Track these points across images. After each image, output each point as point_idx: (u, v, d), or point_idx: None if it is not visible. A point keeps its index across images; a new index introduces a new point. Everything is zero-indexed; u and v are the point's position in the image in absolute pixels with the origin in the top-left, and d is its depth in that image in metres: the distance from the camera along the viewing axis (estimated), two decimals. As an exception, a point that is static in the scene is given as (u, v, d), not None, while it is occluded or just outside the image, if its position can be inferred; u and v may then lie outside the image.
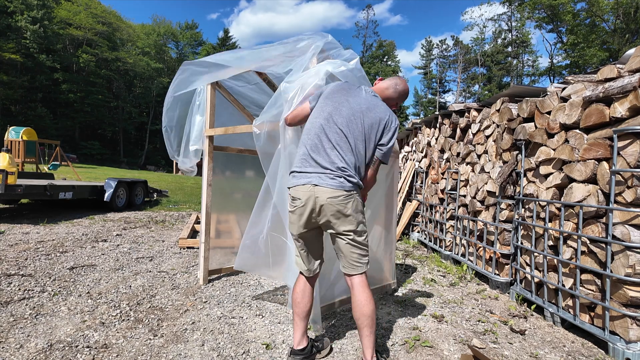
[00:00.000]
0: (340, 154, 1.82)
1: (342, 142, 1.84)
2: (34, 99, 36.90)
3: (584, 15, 24.68)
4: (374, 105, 1.94)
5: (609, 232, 2.26)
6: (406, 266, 4.20)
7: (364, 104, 1.92)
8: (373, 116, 1.90)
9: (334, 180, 1.78)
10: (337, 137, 1.84)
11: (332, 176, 1.79)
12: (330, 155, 1.82)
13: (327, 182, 1.78)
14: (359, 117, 1.88)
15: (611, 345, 2.21)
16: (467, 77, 48.88)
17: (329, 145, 1.84)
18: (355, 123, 1.87)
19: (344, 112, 1.89)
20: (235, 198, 3.77)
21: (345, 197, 1.79)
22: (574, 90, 2.72)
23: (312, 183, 1.80)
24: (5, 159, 6.51)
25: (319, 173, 1.81)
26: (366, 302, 1.81)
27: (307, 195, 1.81)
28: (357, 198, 1.85)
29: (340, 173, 1.80)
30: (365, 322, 1.80)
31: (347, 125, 1.86)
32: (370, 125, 1.89)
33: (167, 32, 52.90)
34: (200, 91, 3.29)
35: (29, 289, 2.90)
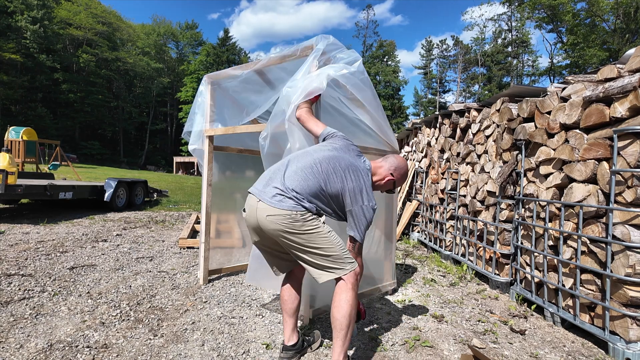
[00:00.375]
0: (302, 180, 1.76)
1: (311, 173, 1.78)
2: (34, 99, 36.93)
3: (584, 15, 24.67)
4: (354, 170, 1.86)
5: (609, 232, 2.26)
6: (406, 266, 4.20)
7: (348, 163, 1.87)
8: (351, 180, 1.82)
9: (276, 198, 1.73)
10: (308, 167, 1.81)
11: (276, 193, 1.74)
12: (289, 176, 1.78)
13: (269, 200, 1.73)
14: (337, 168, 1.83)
15: (611, 345, 2.21)
16: (467, 77, 48.88)
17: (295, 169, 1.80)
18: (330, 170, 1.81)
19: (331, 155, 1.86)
20: (235, 198, 3.77)
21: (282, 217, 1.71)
22: (574, 90, 2.72)
23: (256, 196, 1.79)
24: (6, 159, 6.51)
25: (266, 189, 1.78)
26: (337, 304, 1.74)
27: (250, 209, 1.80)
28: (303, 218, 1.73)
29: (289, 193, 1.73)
30: (334, 324, 1.74)
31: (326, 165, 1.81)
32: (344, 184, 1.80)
33: (167, 32, 52.95)
34: (201, 91, 3.29)
35: (29, 289, 2.90)
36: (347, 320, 1.73)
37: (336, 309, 1.75)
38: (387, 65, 49.62)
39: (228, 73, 3.14)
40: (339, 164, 1.84)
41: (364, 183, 1.84)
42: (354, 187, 1.81)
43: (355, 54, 2.44)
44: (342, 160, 1.86)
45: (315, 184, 1.76)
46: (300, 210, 1.72)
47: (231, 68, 3.11)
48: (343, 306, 1.73)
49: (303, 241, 1.74)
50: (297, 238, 1.73)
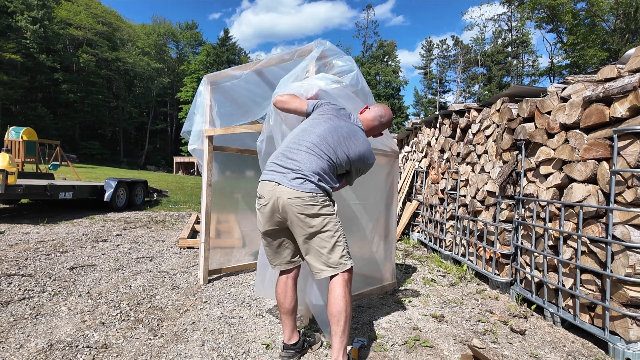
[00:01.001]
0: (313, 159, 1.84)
1: (319, 149, 1.87)
2: (34, 99, 36.94)
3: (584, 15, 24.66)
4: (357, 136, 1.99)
5: (609, 232, 2.26)
6: (406, 266, 4.20)
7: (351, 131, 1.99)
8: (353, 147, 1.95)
9: (296, 181, 1.79)
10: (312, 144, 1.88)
11: (295, 177, 1.81)
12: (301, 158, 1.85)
13: (289, 183, 1.80)
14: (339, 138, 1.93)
15: (611, 345, 2.21)
16: (467, 77, 48.87)
17: (302, 149, 1.88)
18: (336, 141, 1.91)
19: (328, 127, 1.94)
20: (235, 198, 3.77)
21: (303, 199, 1.78)
22: (574, 90, 2.72)
23: (275, 181, 1.84)
24: (6, 159, 6.51)
25: (284, 173, 1.84)
26: (334, 300, 1.79)
27: (269, 194, 1.84)
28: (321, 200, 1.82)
29: (304, 175, 1.80)
30: (331, 320, 1.78)
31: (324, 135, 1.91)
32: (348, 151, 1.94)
33: (167, 32, 52.95)
34: (201, 91, 3.29)
35: (29, 289, 2.90)
36: (344, 316, 1.76)
37: (333, 305, 1.78)
38: (387, 65, 49.60)
39: (228, 73, 3.14)
40: (340, 134, 1.94)
41: (365, 144, 2.00)
42: (359, 151, 1.97)
43: (352, 64, 2.43)
44: (341, 128, 1.97)
45: (327, 161, 1.87)
46: (320, 192, 1.82)
47: (231, 68, 3.11)
48: (339, 302, 1.77)
49: (318, 224, 1.81)
50: (314, 221, 1.80)
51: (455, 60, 50.20)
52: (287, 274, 2.02)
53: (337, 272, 1.82)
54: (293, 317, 2.01)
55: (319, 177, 1.82)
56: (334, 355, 1.76)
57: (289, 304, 1.99)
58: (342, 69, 2.40)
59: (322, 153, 1.86)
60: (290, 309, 1.99)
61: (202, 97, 3.28)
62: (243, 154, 3.71)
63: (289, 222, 1.85)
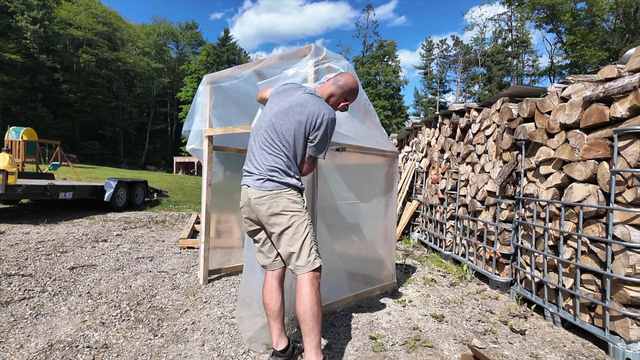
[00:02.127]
0: (267, 156, 1.87)
1: (268, 143, 1.88)
2: (34, 99, 36.94)
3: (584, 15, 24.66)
4: (304, 101, 1.91)
5: (609, 232, 2.26)
6: (406, 266, 4.20)
7: (295, 102, 1.92)
8: (301, 111, 1.87)
9: (259, 182, 1.86)
10: (264, 139, 1.90)
11: (257, 178, 1.87)
12: (259, 158, 1.89)
13: (254, 184, 1.87)
14: (285, 116, 1.88)
15: (611, 345, 2.21)
16: (467, 77, 48.86)
17: (257, 148, 1.92)
18: (283, 122, 1.87)
19: (271, 114, 1.93)
20: (235, 198, 3.74)
21: (267, 197, 1.82)
22: (574, 90, 2.72)
23: (246, 184, 1.93)
24: (6, 159, 6.51)
25: (250, 175, 1.92)
26: (300, 299, 1.77)
27: (243, 197, 1.95)
28: (287, 197, 1.82)
29: (266, 175, 1.84)
30: (298, 318, 1.77)
31: (273, 126, 1.89)
32: (297, 121, 1.86)
33: (167, 32, 52.93)
34: (200, 91, 3.29)
35: (29, 289, 2.90)
36: (310, 314, 1.73)
37: (298, 305, 1.77)
38: (387, 65, 49.58)
39: (228, 73, 3.15)
40: (284, 111, 1.90)
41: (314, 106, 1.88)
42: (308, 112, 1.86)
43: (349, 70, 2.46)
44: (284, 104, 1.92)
45: (282, 151, 1.85)
46: (284, 189, 1.83)
47: (231, 68, 3.11)
48: (305, 301, 1.75)
49: (284, 222, 1.82)
50: (280, 219, 1.82)
51: (455, 60, 50.20)
52: (272, 273, 1.98)
53: (305, 271, 1.80)
54: (280, 320, 1.93)
55: (278, 173, 1.83)
56: (306, 355, 1.73)
57: (274, 304, 1.91)
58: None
59: (274, 146, 1.86)
60: (276, 310, 1.91)
61: (202, 97, 3.28)
62: (243, 154, 3.70)
63: (260, 221, 1.91)
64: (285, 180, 1.84)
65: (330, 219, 2.70)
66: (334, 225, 2.76)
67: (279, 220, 1.82)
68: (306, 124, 1.86)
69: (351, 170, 3.00)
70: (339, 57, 2.53)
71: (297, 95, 1.96)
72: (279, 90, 2.06)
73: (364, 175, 3.08)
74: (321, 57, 2.42)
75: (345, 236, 2.94)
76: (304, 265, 1.81)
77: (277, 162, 1.84)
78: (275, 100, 2.00)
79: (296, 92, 1.99)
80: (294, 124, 1.86)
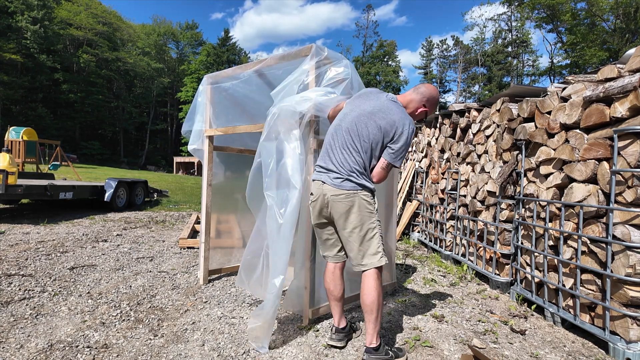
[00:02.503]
0: (347, 157, 1.98)
1: (349, 144, 1.99)
2: (34, 99, 36.93)
3: (584, 15, 24.66)
4: (388, 108, 2.00)
5: (610, 232, 2.26)
6: (406, 266, 4.20)
7: (378, 107, 2.01)
8: (384, 117, 1.97)
9: (337, 180, 1.97)
10: (344, 140, 2.01)
11: (336, 176, 1.98)
12: (339, 157, 2.00)
13: (331, 182, 1.98)
14: (368, 120, 1.99)
15: (611, 345, 2.21)
16: (468, 77, 48.86)
17: (338, 147, 2.02)
18: (364, 126, 1.98)
19: (353, 115, 2.04)
20: (235, 198, 3.76)
21: (345, 196, 1.95)
22: (574, 90, 2.72)
23: (321, 180, 2.04)
24: (6, 159, 6.51)
25: (327, 173, 2.02)
26: (367, 291, 1.96)
27: (318, 192, 2.05)
28: (362, 197, 1.96)
29: (343, 175, 1.97)
30: (365, 309, 1.97)
31: (355, 128, 2.00)
32: (379, 127, 1.97)
33: (167, 32, 52.94)
34: (201, 91, 3.29)
35: (29, 289, 2.91)
36: (376, 305, 1.94)
37: (366, 296, 1.96)
38: (387, 65, 49.58)
39: (228, 73, 3.15)
40: (366, 115, 2.01)
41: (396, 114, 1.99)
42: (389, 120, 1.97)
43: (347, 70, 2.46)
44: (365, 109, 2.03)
45: (360, 153, 1.98)
46: (359, 189, 1.96)
47: (231, 68, 3.11)
48: (372, 293, 1.95)
49: (356, 221, 1.97)
50: (352, 217, 1.97)
51: (455, 60, 50.19)
52: (335, 264, 2.18)
53: (369, 267, 1.99)
54: (341, 303, 2.18)
55: (356, 174, 1.96)
56: (368, 339, 1.95)
57: (338, 291, 2.15)
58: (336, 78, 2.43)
59: (355, 148, 1.97)
60: (339, 296, 2.15)
61: (203, 97, 3.27)
62: (243, 154, 3.71)
63: (332, 217, 2.03)
64: (362, 181, 1.97)
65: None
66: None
67: (352, 218, 1.97)
68: (388, 131, 1.96)
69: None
70: (340, 57, 2.54)
71: (380, 100, 2.05)
72: (360, 94, 2.17)
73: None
74: (322, 57, 2.42)
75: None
76: (369, 263, 1.98)
77: (357, 163, 1.97)
78: (357, 102, 2.10)
79: (379, 97, 2.09)
80: (375, 129, 1.96)
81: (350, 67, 2.49)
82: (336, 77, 2.41)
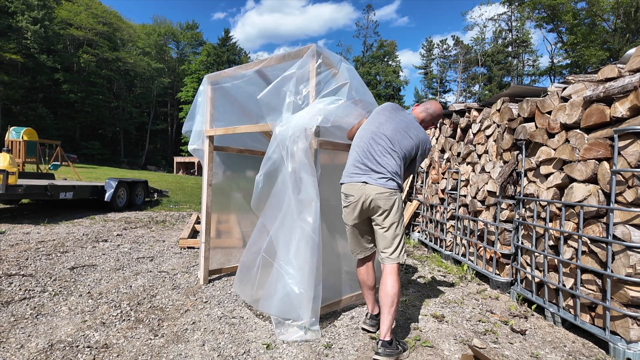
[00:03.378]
0: (391, 161, 2.18)
1: (392, 150, 2.19)
2: (34, 99, 36.93)
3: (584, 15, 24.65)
4: (416, 126, 2.32)
5: (610, 232, 2.26)
6: (407, 266, 4.20)
7: (409, 125, 2.29)
8: (417, 135, 2.27)
9: (382, 180, 2.15)
10: (387, 145, 2.19)
11: (381, 176, 2.15)
12: (382, 160, 2.17)
13: (375, 181, 2.14)
14: (404, 134, 2.23)
15: (612, 345, 2.21)
16: (468, 77, 48.85)
17: (381, 150, 2.19)
18: (401, 139, 2.22)
19: (393, 126, 2.25)
20: (235, 198, 3.76)
21: (389, 194, 2.14)
22: (574, 90, 2.72)
23: (362, 181, 2.17)
24: (6, 159, 6.52)
25: (369, 173, 2.17)
26: (391, 284, 2.10)
27: (359, 192, 2.17)
28: (399, 197, 2.19)
29: (387, 175, 2.16)
30: (383, 301, 2.08)
31: (395, 139, 2.21)
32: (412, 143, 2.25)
33: (167, 32, 52.94)
34: (201, 91, 3.29)
35: (29, 289, 2.91)
36: (397, 298, 2.10)
37: (390, 288, 2.10)
38: (387, 65, 49.56)
39: (228, 73, 3.15)
40: (402, 128, 2.25)
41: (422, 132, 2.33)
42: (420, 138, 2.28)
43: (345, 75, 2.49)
44: (402, 122, 2.29)
45: (400, 159, 2.20)
46: (397, 189, 2.17)
47: (231, 68, 3.11)
48: (395, 285, 2.11)
49: (394, 217, 2.17)
50: (392, 213, 2.16)
51: (455, 60, 50.17)
52: (365, 259, 2.39)
53: (393, 262, 2.16)
54: (374, 292, 2.41)
55: (397, 176, 2.18)
56: (384, 332, 2.05)
57: (372, 281, 2.39)
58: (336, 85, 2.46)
59: (396, 154, 2.19)
60: (372, 285, 2.39)
61: (203, 97, 3.28)
62: (243, 154, 3.71)
63: (373, 214, 2.19)
64: (400, 183, 2.20)
65: (330, 219, 2.70)
66: (335, 225, 2.77)
67: (391, 214, 2.16)
68: (418, 147, 2.28)
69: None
70: (339, 58, 2.54)
71: (408, 118, 2.34)
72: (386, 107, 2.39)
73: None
74: (322, 58, 2.42)
75: (346, 236, 2.94)
76: (396, 257, 2.17)
77: (397, 167, 2.19)
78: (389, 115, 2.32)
79: (405, 114, 2.37)
80: (409, 143, 2.24)
81: (349, 70, 2.50)
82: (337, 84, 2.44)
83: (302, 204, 2.29)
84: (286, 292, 2.27)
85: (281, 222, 2.36)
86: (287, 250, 2.31)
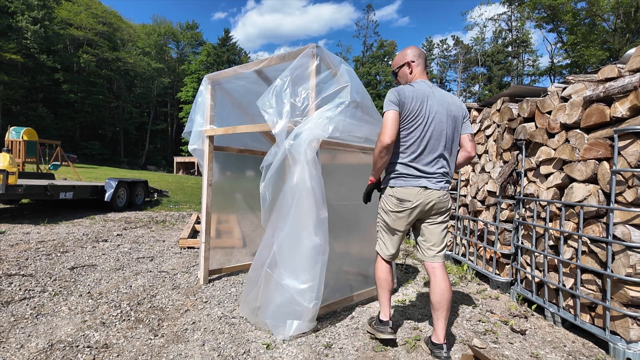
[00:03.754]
0: (448, 162, 2.15)
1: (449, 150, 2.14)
2: (34, 99, 36.94)
3: (584, 15, 24.65)
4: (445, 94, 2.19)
5: (610, 232, 2.26)
6: (406, 266, 4.20)
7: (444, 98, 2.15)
8: (454, 103, 2.17)
9: (440, 183, 2.13)
10: (446, 145, 2.12)
11: (440, 179, 2.13)
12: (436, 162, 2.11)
13: (435, 185, 2.11)
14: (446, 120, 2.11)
15: (612, 345, 2.21)
16: (468, 77, 48.87)
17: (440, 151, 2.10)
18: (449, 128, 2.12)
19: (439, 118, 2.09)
20: (235, 198, 3.77)
21: (447, 196, 2.17)
22: (574, 90, 2.72)
23: (421, 186, 2.10)
24: (6, 159, 6.52)
25: (427, 177, 2.10)
26: (448, 288, 2.08)
27: (417, 197, 2.09)
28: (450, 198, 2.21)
29: (446, 177, 2.15)
30: (446, 306, 2.06)
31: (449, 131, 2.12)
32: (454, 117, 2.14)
33: (167, 32, 52.96)
34: (201, 91, 3.29)
35: (29, 289, 2.91)
36: (451, 302, 2.10)
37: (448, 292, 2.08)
38: (387, 65, 49.55)
39: (228, 73, 3.15)
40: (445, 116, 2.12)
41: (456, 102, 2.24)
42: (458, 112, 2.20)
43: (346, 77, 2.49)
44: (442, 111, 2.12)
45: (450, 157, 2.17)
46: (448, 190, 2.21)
47: (231, 68, 3.11)
48: (449, 290, 2.09)
49: (447, 217, 2.21)
50: (447, 214, 2.21)
51: (455, 60, 50.20)
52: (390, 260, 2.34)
53: (442, 260, 2.17)
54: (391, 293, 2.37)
55: (449, 176, 2.18)
56: (442, 335, 2.07)
57: (391, 281, 2.32)
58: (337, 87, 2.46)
59: (451, 153, 2.16)
60: (392, 286, 2.33)
61: (203, 97, 3.27)
62: (244, 154, 3.71)
63: (427, 215, 2.17)
64: (450, 180, 2.21)
65: (330, 219, 2.69)
66: (335, 225, 2.76)
67: (446, 215, 2.20)
68: (458, 116, 2.18)
69: (352, 170, 3.00)
70: (339, 59, 2.54)
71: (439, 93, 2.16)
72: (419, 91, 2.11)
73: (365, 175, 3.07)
74: (322, 58, 2.43)
75: (346, 236, 2.94)
76: (443, 255, 2.18)
77: (449, 166, 2.17)
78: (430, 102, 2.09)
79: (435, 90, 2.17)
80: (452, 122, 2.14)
81: (348, 72, 2.50)
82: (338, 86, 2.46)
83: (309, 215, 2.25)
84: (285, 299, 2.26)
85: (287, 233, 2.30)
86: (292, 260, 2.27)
